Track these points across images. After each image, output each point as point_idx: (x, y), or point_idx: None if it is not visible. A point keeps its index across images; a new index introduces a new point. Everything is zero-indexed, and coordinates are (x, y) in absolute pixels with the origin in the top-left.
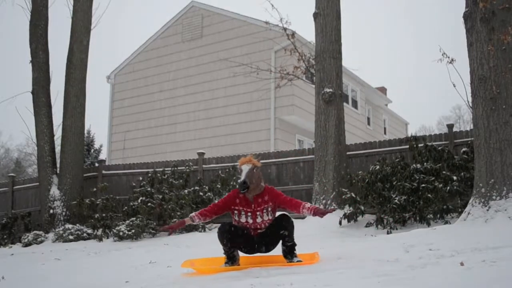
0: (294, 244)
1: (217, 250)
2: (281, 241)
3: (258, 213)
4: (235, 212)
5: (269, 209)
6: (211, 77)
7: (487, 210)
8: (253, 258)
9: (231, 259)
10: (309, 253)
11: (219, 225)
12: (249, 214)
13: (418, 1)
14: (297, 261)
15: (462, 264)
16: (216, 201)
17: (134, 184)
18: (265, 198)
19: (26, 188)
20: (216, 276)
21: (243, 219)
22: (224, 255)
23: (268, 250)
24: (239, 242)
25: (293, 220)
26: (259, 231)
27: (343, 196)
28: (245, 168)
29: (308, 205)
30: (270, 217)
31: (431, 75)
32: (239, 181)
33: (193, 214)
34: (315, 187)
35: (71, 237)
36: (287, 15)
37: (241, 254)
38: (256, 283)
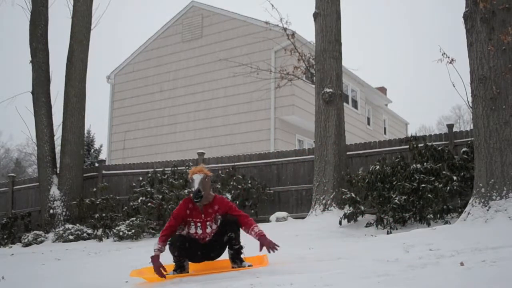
0: (241, 247)
1: None
2: (228, 245)
3: (207, 223)
4: (185, 222)
5: (218, 218)
6: (211, 77)
7: (487, 210)
8: (201, 265)
9: (180, 268)
10: (257, 256)
11: None
12: (199, 224)
13: (418, 1)
14: (248, 266)
15: (462, 264)
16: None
17: (134, 184)
18: (214, 208)
19: (26, 188)
20: (216, 276)
21: (192, 230)
22: (173, 263)
23: (217, 255)
24: (189, 253)
25: (293, 220)
26: (207, 239)
27: (343, 196)
28: (197, 178)
29: (257, 229)
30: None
31: (431, 75)
32: (192, 190)
33: (156, 247)
34: (315, 187)
35: (71, 237)
36: (287, 15)
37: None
38: (256, 283)
